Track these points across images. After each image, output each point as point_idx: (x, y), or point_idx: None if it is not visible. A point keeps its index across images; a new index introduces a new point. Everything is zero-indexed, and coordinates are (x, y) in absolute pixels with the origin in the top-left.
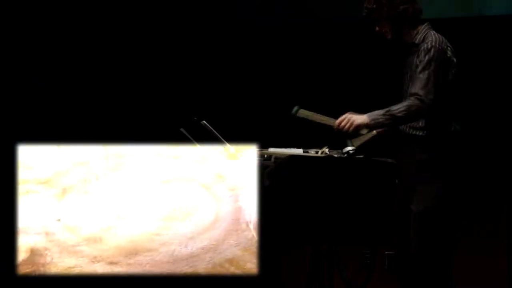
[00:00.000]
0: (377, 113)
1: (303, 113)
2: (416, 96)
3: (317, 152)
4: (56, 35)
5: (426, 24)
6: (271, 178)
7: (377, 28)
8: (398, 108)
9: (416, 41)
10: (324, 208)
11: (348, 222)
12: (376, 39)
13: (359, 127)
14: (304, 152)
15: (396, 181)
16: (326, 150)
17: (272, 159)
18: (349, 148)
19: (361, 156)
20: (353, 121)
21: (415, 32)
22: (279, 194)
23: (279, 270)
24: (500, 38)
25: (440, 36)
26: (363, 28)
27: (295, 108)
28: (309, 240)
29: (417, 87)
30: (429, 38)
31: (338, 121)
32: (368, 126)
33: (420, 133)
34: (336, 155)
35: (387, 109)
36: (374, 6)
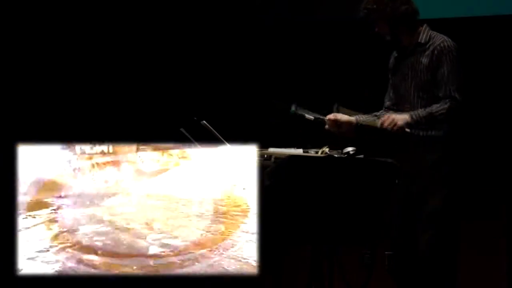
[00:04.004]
0: (418, 114)
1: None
2: (454, 98)
3: (317, 152)
4: (57, 35)
5: (425, 24)
6: (271, 178)
7: (376, 29)
8: (438, 110)
9: (423, 41)
10: (324, 208)
11: (348, 222)
12: (376, 39)
13: (402, 127)
14: (304, 152)
15: (396, 181)
16: (326, 150)
17: (272, 159)
18: (349, 148)
19: (361, 156)
20: (396, 121)
21: (417, 32)
22: (279, 194)
23: (279, 270)
24: (500, 38)
25: (444, 36)
26: (363, 28)
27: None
28: (309, 240)
29: (451, 89)
30: (437, 37)
31: (381, 121)
32: (409, 126)
33: (431, 133)
34: (336, 155)
35: (428, 110)
36: (375, 6)
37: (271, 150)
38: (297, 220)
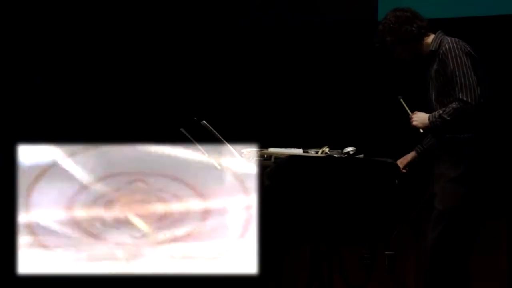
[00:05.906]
0: (434, 115)
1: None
2: (459, 100)
3: (317, 152)
4: (57, 34)
5: (439, 31)
6: (271, 178)
7: (395, 56)
8: (446, 111)
9: (433, 48)
10: (324, 208)
11: (348, 222)
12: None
13: (416, 126)
14: (304, 152)
15: (396, 181)
16: (326, 150)
17: (272, 159)
18: (349, 148)
19: (361, 156)
20: (414, 119)
21: (430, 41)
22: (279, 194)
23: (279, 270)
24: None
25: (455, 38)
26: (364, 29)
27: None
28: (309, 240)
29: (458, 92)
30: (444, 41)
31: (411, 115)
32: (426, 127)
33: (448, 135)
34: (336, 155)
35: (441, 111)
36: (377, 39)
37: (271, 150)
38: (297, 220)
